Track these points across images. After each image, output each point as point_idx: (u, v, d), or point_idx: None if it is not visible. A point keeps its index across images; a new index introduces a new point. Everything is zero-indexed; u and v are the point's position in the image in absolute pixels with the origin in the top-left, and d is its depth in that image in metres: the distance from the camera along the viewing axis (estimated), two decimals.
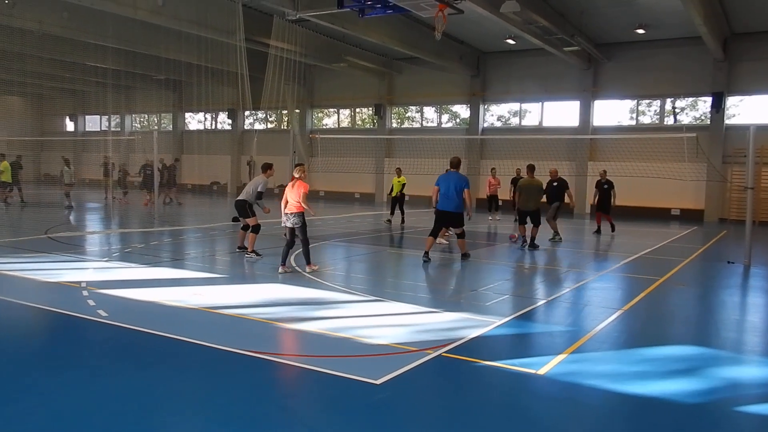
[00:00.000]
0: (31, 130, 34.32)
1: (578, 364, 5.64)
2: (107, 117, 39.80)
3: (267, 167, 11.68)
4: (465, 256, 11.55)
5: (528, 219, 13.53)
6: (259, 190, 11.30)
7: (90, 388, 4.74)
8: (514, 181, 17.78)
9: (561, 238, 14.90)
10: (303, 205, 9.67)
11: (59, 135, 39.40)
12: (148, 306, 7.32)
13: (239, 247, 11.69)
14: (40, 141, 34.85)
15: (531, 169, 13.87)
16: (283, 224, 9.98)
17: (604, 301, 8.51)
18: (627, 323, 7.32)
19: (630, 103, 25.55)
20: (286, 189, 9.92)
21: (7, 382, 4.84)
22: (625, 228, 19.70)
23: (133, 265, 10.21)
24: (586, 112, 25.38)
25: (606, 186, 17.17)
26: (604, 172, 17.53)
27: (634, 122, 25.50)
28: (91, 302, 7.22)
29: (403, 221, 18.21)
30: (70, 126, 41.50)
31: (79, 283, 8.32)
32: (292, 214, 9.75)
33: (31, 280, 8.60)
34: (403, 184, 18.60)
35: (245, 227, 11.58)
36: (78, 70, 29.15)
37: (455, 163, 11.54)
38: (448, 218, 11.35)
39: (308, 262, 9.82)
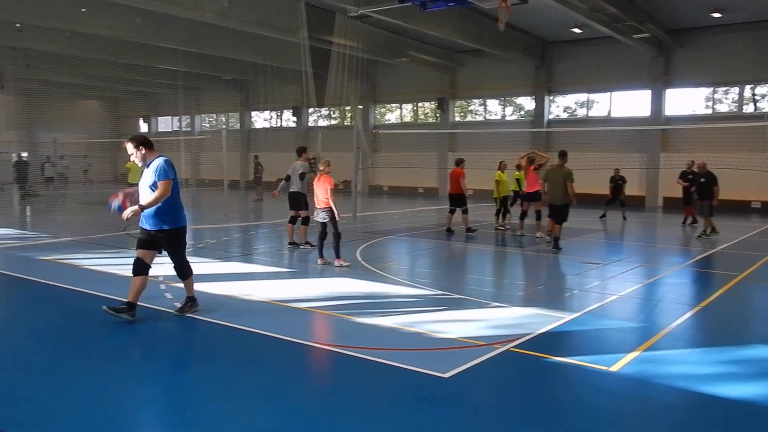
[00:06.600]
0: (109, 132, 36.00)
1: (653, 362, 5.46)
2: (178, 117, 41.28)
3: (302, 151, 12.01)
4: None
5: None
6: (299, 171, 11.62)
7: (169, 377, 4.95)
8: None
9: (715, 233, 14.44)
10: (330, 201, 9.68)
11: None
12: (221, 299, 7.56)
13: (290, 243, 11.92)
14: (117, 142, 36.55)
15: (562, 155, 12.32)
16: (314, 218, 10.15)
17: (679, 297, 8.20)
18: (704, 321, 7.02)
19: (705, 91, 24.38)
20: (314, 183, 10.01)
21: (93, 370, 5.12)
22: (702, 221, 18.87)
23: (206, 259, 10.56)
24: (657, 102, 24.41)
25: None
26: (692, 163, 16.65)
27: (710, 111, 24.33)
28: (168, 295, 7.53)
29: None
30: (143, 127, 43.28)
31: (157, 277, 8.68)
32: (321, 209, 9.83)
33: (113, 275, 9.03)
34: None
35: (292, 220, 11.87)
36: (150, 73, 30.38)
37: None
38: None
39: (337, 257, 9.79)
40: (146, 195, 6.32)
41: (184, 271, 6.75)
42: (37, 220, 18.07)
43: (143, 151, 6.43)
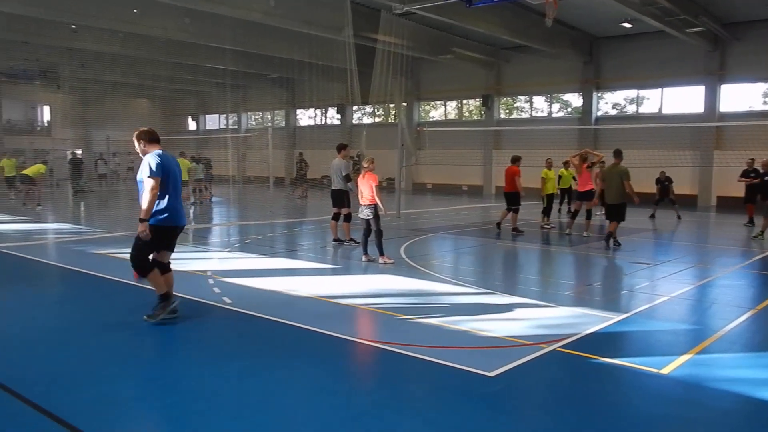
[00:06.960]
0: (159, 129, 36.88)
1: (706, 365, 5.30)
2: (225, 115, 42.04)
3: (341, 148, 11.99)
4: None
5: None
6: (344, 173, 11.68)
7: (219, 371, 5.06)
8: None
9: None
10: (376, 198, 9.89)
11: (183, 134, 42.13)
12: (267, 294, 7.69)
13: (335, 240, 12.01)
14: (167, 140, 37.48)
15: (617, 154, 12.11)
16: (359, 215, 10.27)
17: (734, 299, 7.93)
18: (761, 324, 6.76)
19: (763, 87, 23.45)
20: (359, 180, 10.19)
21: (141, 361, 5.27)
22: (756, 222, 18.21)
23: (252, 255, 10.75)
24: (711, 98, 23.60)
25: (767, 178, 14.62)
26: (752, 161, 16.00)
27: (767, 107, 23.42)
28: (216, 290, 7.69)
29: None
30: (192, 125, 44.25)
31: (205, 271, 8.89)
32: (365, 206, 10.01)
33: None
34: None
35: (335, 217, 11.92)
36: (199, 72, 31.03)
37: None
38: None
39: (381, 254, 9.85)
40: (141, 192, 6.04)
41: (138, 264, 6.05)
42: (91, 215, 18.69)
43: (142, 145, 6.25)
